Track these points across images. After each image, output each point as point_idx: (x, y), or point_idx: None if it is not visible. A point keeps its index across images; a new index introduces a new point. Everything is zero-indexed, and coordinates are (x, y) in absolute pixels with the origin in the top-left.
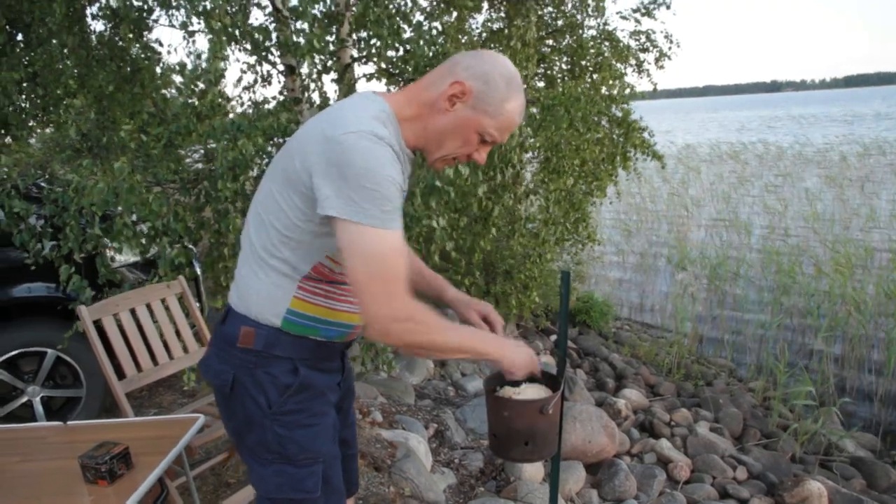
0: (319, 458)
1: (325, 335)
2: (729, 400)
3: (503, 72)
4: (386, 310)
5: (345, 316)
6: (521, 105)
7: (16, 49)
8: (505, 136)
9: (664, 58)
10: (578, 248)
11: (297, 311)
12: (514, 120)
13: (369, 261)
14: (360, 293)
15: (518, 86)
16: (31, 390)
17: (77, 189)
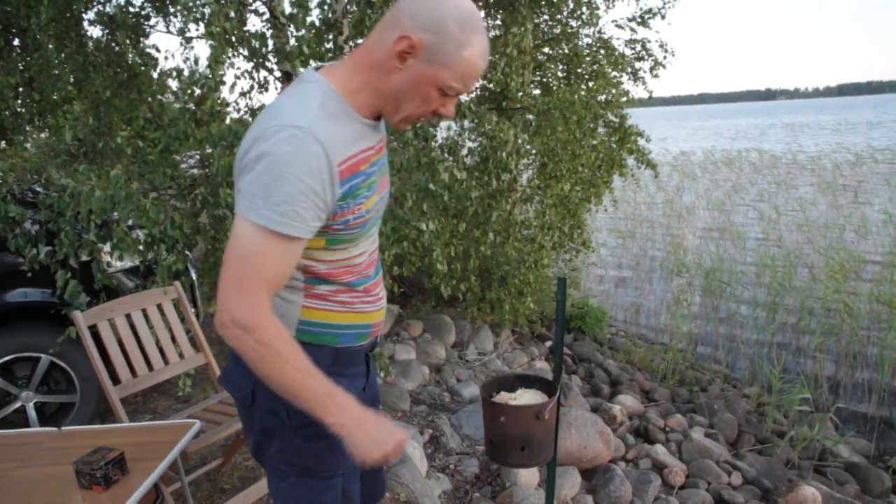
0: (339, 471)
1: (344, 341)
2: (724, 406)
3: (454, 14)
4: (232, 306)
5: (359, 317)
6: (481, 47)
7: (12, 53)
8: (470, 84)
9: (659, 66)
10: (573, 254)
11: (309, 321)
12: (476, 65)
13: (242, 257)
14: (220, 280)
15: (475, 25)
16: (25, 395)
17: (73, 194)
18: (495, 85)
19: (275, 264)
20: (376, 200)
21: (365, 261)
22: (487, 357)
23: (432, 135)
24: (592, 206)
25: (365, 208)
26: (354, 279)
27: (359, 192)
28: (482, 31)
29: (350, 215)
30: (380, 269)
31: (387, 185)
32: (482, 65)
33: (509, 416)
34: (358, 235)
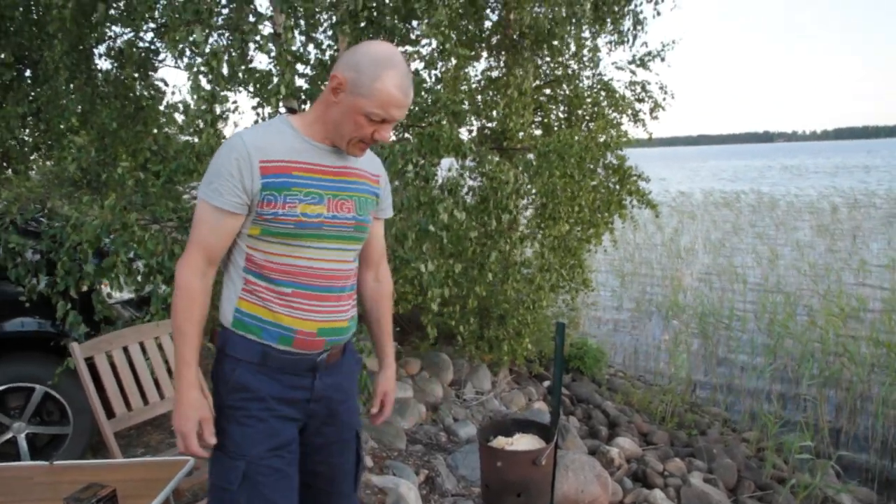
0: (244, 456)
1: (267, 336)
2: (723, 450)
3: (372, 55)
4: (179, 260)
5: (281, 318)
6: (394, 80)
7: (22, 84)
8: (391, 111)
9: (658, 108)
10: (573, 293)
11: (242, 310)
12: (389, 94)
13: (192, 223)
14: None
15: (387, 62)
16: (17, 426)
17: (74, 225)
18: (496, 125)
19: (207, 231)
20: (321, 212)
21: (306, 269)
22: (485, 396)
23: (433, 174)
24: (592, 247)
25: (301, 210)
26: (284, 280)
27: (290, 192)
28: (396, 67)
29: (279, 209)
30: (337, 291)
31: (346, 211)
32: (396, 94)
33: (506, 462)
34: (293, 234)
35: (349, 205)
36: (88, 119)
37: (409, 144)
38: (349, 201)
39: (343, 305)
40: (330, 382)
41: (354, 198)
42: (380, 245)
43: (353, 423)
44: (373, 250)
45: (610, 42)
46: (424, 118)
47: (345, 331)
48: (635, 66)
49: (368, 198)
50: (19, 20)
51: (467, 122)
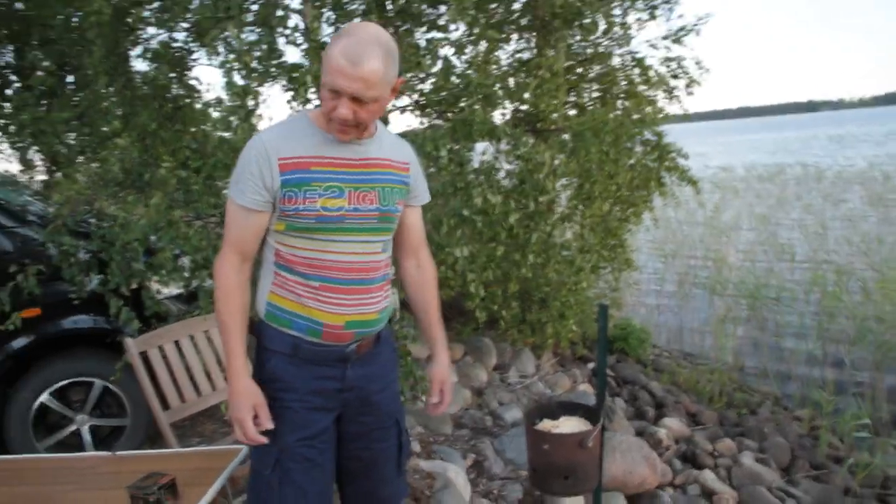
0: (276, 443)
1: (297, 328)
2: (774, 429)
3: (340, 31)
4: (216, 259)
5: (309, 311)
6: (339, 47)
7: (66, 90)
8: (337, 80)
9: (694, 84)
10: (616, 274)
11: (273, 303)
12: (331, 59)
13: (225, 223)
14: None
15: (344, 33)
16: (80, 419)
17: (122, 224)
18: (529, 107)
19: (237, 228)
20: (342, 205)
21: (331, 263)
22: (529, 380)
23: (467, 159)
24: (632, 226)
25: (321, 204)
26: (311, 273)
27: (310, 187)
28: (350, 36)
29: (300, 204)
30: (365, 283)
31: (369, 202)
32: (342, 60)
33: (553, 445)
34: (315, 228)
35: (372, 196)
36: (129, 121)
37: (441, 130)
38: (372, 192)
39: (372, 297)
40: (363, 373)
41: (377, 188)
42: (418, 232)
43: (392, 411)
44: (411, 238)
45: (639, 19)
46: (456, 103)
47: (374, 323)
48: (670, 42)
49: (395, 187)
50: (60, 28)
51: (500, 105)
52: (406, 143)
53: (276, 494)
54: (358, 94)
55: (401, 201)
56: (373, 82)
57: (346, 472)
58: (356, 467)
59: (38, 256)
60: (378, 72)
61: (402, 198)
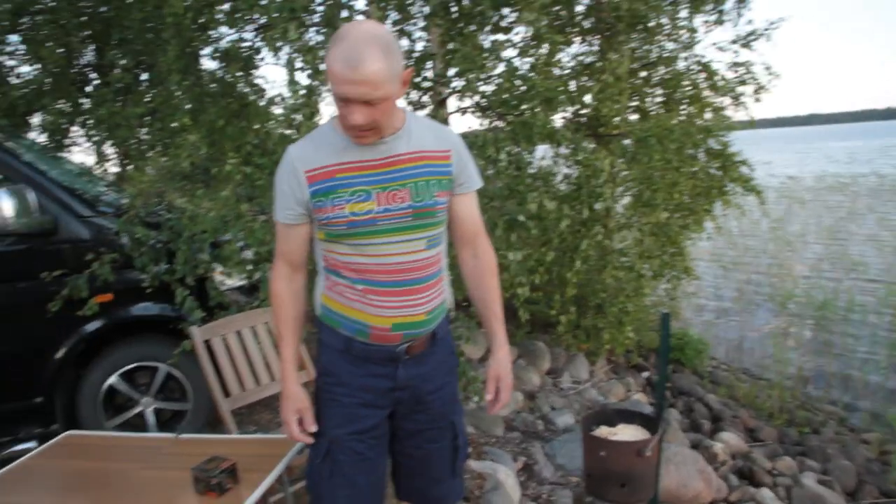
0: (327, 435)
1: (347, 329)
2: (839, 451)
3: (334, 36)
4: (270, 271)
5: (356, 313)
6: (336, 55)
7: (140, 87)
8: (344, 88)
9: (762, 90)
10: (674, 283)
11: (325, 305)
12: (335, 71)
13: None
14: None
15: (337, 38)
16: (145, 401)
17: (191, 216)
18: (591, 111)
19: (282, 242)
20: (371, 208)
21: (372, 266)
22: (582, 386)
23: (527, 162)
24: (693, 234)
25: (349, 210)
26: (356, 277)
27: (336, 194)
28: (344, 40)
29: (330, 212)
30: (411, 284)
31: (400, 201)
32: (341, 68)
33: (610, 452)
34: (348, 233)
35: (403, 194)
36: (197, 117)
37: (501, 132)
38: (402, 190)
39: (420, 298)
40: (416, 373)
41: (409, 185)
42: (471, 220)
43: (446, 412)
44: (464, 227)
45: (707, 21)
46: (518, 106)
47: (423, 324)
48: (738, 47)
49: (431, 179)
50: (136, 29)
51: (561, 108)
52: (448, 130)
53: (327, 484)
54: (366, 98)
55: (442, 192)
56: (378, 82)
57: (401, 469)
58: (409, 464)
59: (111, 245)
60: (381, 70)
61: (445, 188)
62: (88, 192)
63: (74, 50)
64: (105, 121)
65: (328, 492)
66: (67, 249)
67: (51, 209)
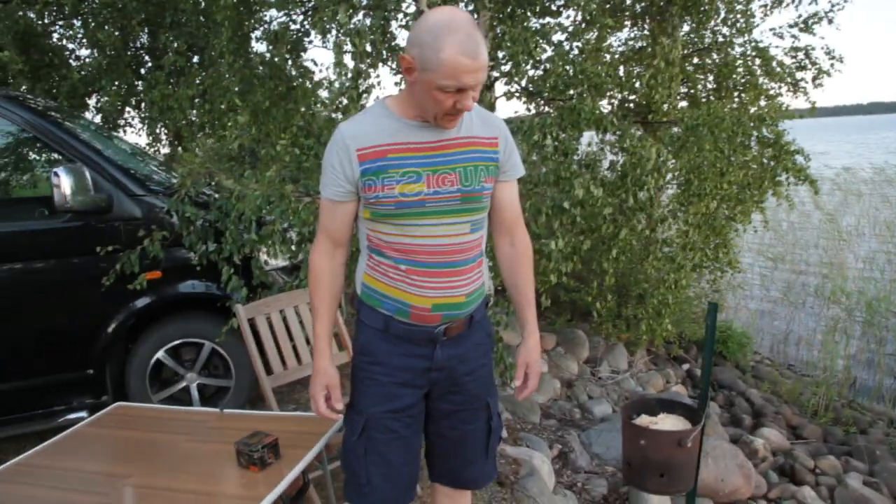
0: (363, 413)
1: (388, 308)
2: (888, 452)
3: (430, 26)
4: (311, 246)
5: (398, 293)
6: (456, 46)
7: (192, 70)
8: (463, 79)
9: (823, 75)
10: (718, 275)
11: (367, 284)
12: (456, 61)
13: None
14: None
15: (446, 29)
16: (190, 377)
17: (238, 197)
18: (640, 97)
19: (327, 218)
20: (421, 189)
21: (416, 247)
22: (621, 376)
23: (573, 148)
24: (740, 226)
25: (399, 191)
26: (399, 258)
27: (387, 174)
28: (457, 31)
29: (379, 192)
30: (453, 265)
31: (449, 184)
32: (464, 60)
33: (650, 441)
34: (395, 213)
35: (452, 177)
36: (245, 98)
37: (548, 118)
38: (452, 174)
39: (461, 280)
40: (453, 353)
41: (458, 169)
42: (511, 208)
43: (481, 394)
44: (504, 214)
45: (765, 5)
46: (565, 91)
47: (463, 305)
48: (798, 31)
49: (479, 164)
50: (189, 11)
51: (609, 94)
52: (495, 117)
53: (363, 462)
54: (479, 83)
55: (489, 178)
56: (485, 67)
57: (435, 449)
58: (444, 445)
59: (161, 223)
60: (486, 57)
61: (491, 175)
62: (141, 171)
63: (130, 33)
64: (158, 103)
65: (363, 469)
66: (121, 227)
67: (105, 188)
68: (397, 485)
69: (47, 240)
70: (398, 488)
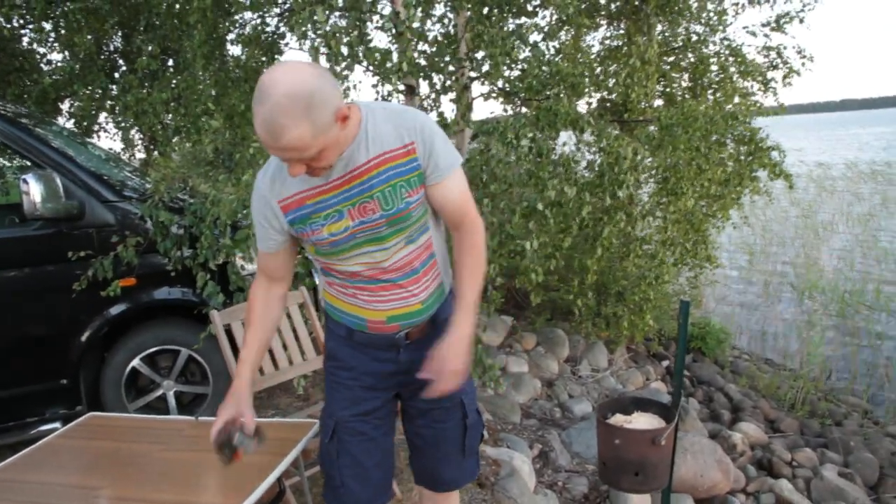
0: (333, 416)
1: (349, 322)
2: (862, 443)
3: (257, 84)
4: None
5: (353, 308)
6: (258, 120)
7: (166, 73)
8: (270, 150)
9: (793, 74)
10: (696, 271)
11: (326, 300)
12: (261, 138)
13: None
14: None
15: (257, 99)
16: (166, 384)
17: (213, 201)
18: (617, 97)
19: (263, 263)
20: (347, 225)
21: (361, 270)
22: (601, 374)
23: (549, 148)
24: (719, 222)
25: (327, 231)
26: (347, 279)
27: (311, 220)
28: (263, 105)
29: (311, 235)
30: (401, 278)
31: (371, 213)
32: (262, 135)
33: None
34: (333, 252)
35: (372, 205)
36: (220, 102)
37: (522, 118)
38: (371, 202)
39: (412, 289)
40: (419, 356)
41: (376, 195)
42: (453, 206)
43: (453, 393)
44: (446, 213)
45: (737, 4)
46: (542, 91)
47: (420, 312)
48: (770, 30)
49: (398, 182)
50: (164, 14)
51: (586, 94)
52: (409, 115)
53: (336, 464)
54: (298, 158)
55: (412, 191)
56: (303, 146)
57: (413, 448)
58: (420, 444)
59: (136, 229)
60: (304, 136)
61: (414, 186)
62: (115, 177)
63: (104, 36)
64: (132, 107)
65: (336, 471)
66: (94, 234)
67: (78, 194)
68: (369, 486)
69: (18, 248)
70: (371, 489)
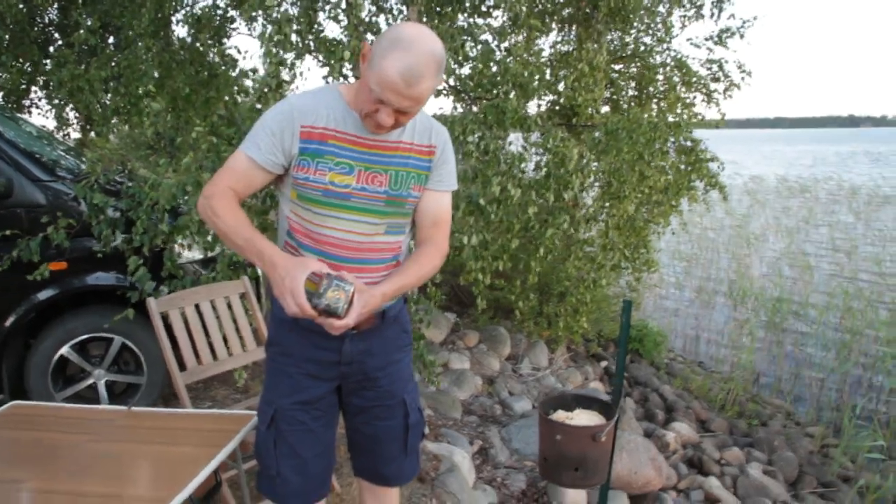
0: (272, 403)
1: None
2: (784, 443)
3: (396, 34)
4: (205, 188)
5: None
6: (397, 63)
7: (106, 50)
8: (387, 94)
9: (733, 87)
10: (636, 274)
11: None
12: (386, 74)
13: (223, 166)
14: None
15: (402, 45)
16: (97, 373)
17: (153, 185)
18: (565, 101)
19: (237, 173)
20: (350, 183)
21: (330, 238)
22: (542, 373)
23: (496, 146)
24: (660, 228)
25: (329, 178)
26: (312, 247)
27: (322, 159)
28: (410, 53)
29: (310, 174)
30: (367, 262)
31: (378, 184)
32: (394, 77)
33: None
34: (320, 201)
35: (382, 178)
36: (164, 84)
37: (470, 115)
38: (383, 175)
39: (369, 277)
40: (362, 348)
41: (390, 171)
42: (433, 216)
43: (395, 391)
44: (425, 224)
45: (684, 17)
46: (491, 90)
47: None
48: (713, 44)
49: (412, 171)
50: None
51: (536, 95)
52: (439, 127)
53: (273, 454)
54: (405, 110)
55: (417, 187)
56: (423, 99)
57: (353, 445)
58: (360, 441)
59: (68, 211)
60: (430, 89)
61: (420, 183)
62: (47, 155)
63: (38, 6)
64: (66, 83)
65: (273, 461)
66: (22, 213)
67: (5, 171)
68: (308, 478)
69: None
70: (309, 481)
